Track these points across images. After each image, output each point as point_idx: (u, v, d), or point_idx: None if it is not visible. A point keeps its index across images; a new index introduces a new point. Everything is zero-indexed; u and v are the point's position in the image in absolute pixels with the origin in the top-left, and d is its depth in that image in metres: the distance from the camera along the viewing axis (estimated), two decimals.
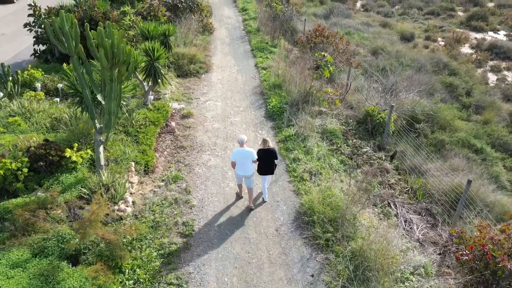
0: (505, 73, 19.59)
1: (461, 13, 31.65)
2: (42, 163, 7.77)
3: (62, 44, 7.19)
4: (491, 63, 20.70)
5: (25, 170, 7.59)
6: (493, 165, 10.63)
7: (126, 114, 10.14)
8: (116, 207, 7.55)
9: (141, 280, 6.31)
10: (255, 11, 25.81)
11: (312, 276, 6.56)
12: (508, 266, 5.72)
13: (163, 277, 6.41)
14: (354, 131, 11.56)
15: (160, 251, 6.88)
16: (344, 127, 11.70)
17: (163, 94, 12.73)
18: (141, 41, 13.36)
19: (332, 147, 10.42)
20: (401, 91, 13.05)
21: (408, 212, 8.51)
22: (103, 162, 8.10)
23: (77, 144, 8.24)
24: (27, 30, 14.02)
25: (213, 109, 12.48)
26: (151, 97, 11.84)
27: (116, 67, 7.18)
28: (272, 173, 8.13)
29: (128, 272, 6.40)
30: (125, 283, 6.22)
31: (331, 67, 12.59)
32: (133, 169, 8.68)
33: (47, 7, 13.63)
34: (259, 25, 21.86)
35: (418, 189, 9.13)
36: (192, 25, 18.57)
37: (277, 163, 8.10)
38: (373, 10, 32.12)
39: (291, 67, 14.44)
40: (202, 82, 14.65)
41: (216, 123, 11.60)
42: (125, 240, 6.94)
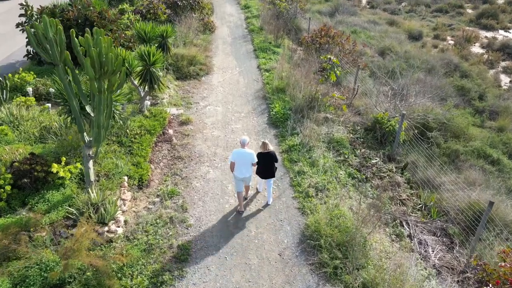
0: None
1: (470, 11, 30.71)
2: (26, 179, 7.19)
3: (46, 52, 6.56)
4: (503, 64, 19.90)
5: (8, 188, 7.01)
6: (510, 177, 9.95)
7: (120, 122, 9.53)
8: (106, 228, 6.96)
9: None
10: (257, 8, 25.08)
11: None
12: None
13: None
14: (362, 140, 10.90)
15: (153, 279, 6.29)
16: (351, 135, 11.04)
17: (160, 98, 12.11)
18: (138, 42, 12.74)
19: (339, 158, 9.78)
20: (411, 95, 12.34)
21: (422, 233, 7.87)
22: (92, 178, 7.50)
23: (65, 158, 7.64)
24: (19, 30, 13.41)
25: (213, 115, 11.84)
26: (147, 102, 11.23)
27: (105, 78, 6.56)
28: (273, 176, 7.90)
29: None
30: None
31: (338, 71, 11.91)
32: (126, 184, 8.09)
33: (40, 6, 12.97)
34: (262, 24, 21.14)
35: (433, 206, 8.49)
36: (193, 24, 17.90)
37: (277, 166, 7.96)
38: (379, 7, 31.25)
39: (295, 69, 13.77)
40: (202, 85, 14.01)
41: (216, 131, 10.97)
42: (114, 267, 6.35)
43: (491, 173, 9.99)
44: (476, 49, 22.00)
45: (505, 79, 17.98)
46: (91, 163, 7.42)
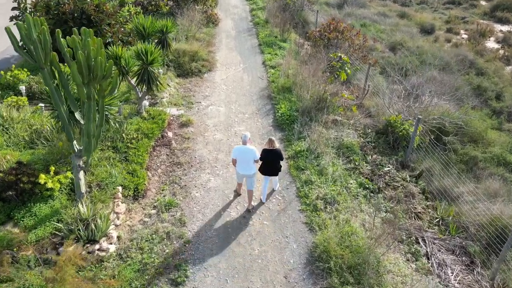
0: None
1: (484, 2, 29.57)
2: (11, 192, 6.64)
3: (30, 54, 5.95)
4: None
5: None
6: None
7: (116, 125, 8.94)
8: (97, 246, 6.41)
9: None
10: (263, 0, 24.21)
11: None
12: None
13: None
14: (373, 144, 10.24)
15: None
16: (362, 139, 10.38)
17: (160, 98, 11.50)
18: (137, 38, 12.07)
19: (349, 166, 9.14)
20: (426, 96, 11.60)
21: (440, 251, 7.26)
22: (83, 189, 6.94)
23: (54, 168, 7.07)
24: (14, 24, 12.76)
25: (215, 116, 11.21)
26: (146, 102, 10.61)
27: (94, 83, 5.94)
28: (276, 174, 7.72)
29: None
30: None
31: (348, 69, 11.19)
32: (120, 195, 7.52)
33: None
34: (267, 16, 20.35)
35: (451, 220, 7.85)
36: (195, 16, 17.16)
37: (281, 164, 7.73)
38: None
39: (302, 66, 13.05)
40: (204, 82, 13.34)
41: (218, 133, 10.35)
42: None
43: None
44: (491, 44, 21.06)
45: None
46: (81, 173, 6.85)
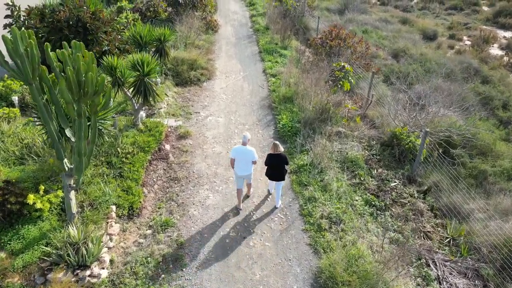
0: None
1: (486, 8, 29.32)
2: None
3: (17, 70, 5.58)
4: None
5: None
6: None
7: (111, 139, 8.58)
8: (88, 272, 6.02)
9: None
10: (263, 5, 23.94)
11: None
12: None
13: None
14: (378, 157, 9.86)
15: None
16: (367, 151, 10.00)
17: (158, 108, 11.14)
18: (134, 46, 11.73)
19: (354, 181, 8.76)
20: (431, 105, 11.23)
21: (451, 274, 6.86)
22: (74, 210, 6.56)
23: (43, 187, 6.70)
24: (7, 32, 12.43)
25: (214, 127, 10.85)
26: (143, 113, 10.25)
27: (85, 100, 5.58)
28: (283, 179, 7.69)
29: None
30: None
31: (352, 79, 10.84)
32: (114, 214, 7.14)
33: (28, 6, 11.96)
34: (268, 23, 20.05)
35: (463, 242, 7.46)
36: (194, 23, 16.84)
37: (287, 168, 7.84)
38: (390, 4, 29.94)
39: (303, 74, 12.70)
40: (203, 91, 12.99)
41: (217, 146, 9.98)
42: None
43: None
44: (495, 50, 20.74)
45: None
46: (72, 193, 6.48)
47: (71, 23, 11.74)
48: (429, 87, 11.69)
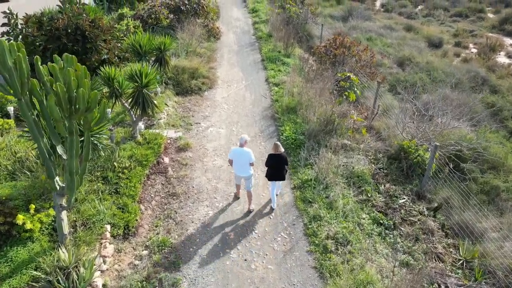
0: None
1: (491, 15, 29.00)
2: None
3: (5, 85, 5.26)
4: None
5: None
6: None
7: (107, 152, 8.25)
8: None
9: None
10: (266, 12, 23.70)
11: None
12: None
13: None
14: (385, 171, 9.48)
15: None
16: (373, 165, 9.62)
17: (157, 119, 10.81)
18: (133, 55, 11.45)
19: (361, 197, 8.38)
20: (440, 117, 10.86)
21: None
22: (66, 230, 6.20)
23: (34, 206, 6.36)
24: (6, 40, 12.17)
25: (215, 139, 10.50)
26: (141, 125, 9.92)
27: (77, 116, 5.25)
28: (283, 179, 7.77)
29: None
30: None
31: (358, 90, 10.49)
32: (108, 234, 6.77)
33: (26, 14, 11.69)
34: (270, 30, 19.77)
35: (477, 263, 7.05)
36: (196, 30, 16.58)
37: (287, 169, 7.88)
38: (394, 11, 29.67)
39: (307, 84, 12.37)
40: (204, 101, 12.67)
41: (218, 159, 9.63)
42: None
43: None
44: (502, 58, 20.38)
45: None
46: (64, 213, 6.12)
47: (69, 31, 11.46)
48: (437, 97, 11.30)
